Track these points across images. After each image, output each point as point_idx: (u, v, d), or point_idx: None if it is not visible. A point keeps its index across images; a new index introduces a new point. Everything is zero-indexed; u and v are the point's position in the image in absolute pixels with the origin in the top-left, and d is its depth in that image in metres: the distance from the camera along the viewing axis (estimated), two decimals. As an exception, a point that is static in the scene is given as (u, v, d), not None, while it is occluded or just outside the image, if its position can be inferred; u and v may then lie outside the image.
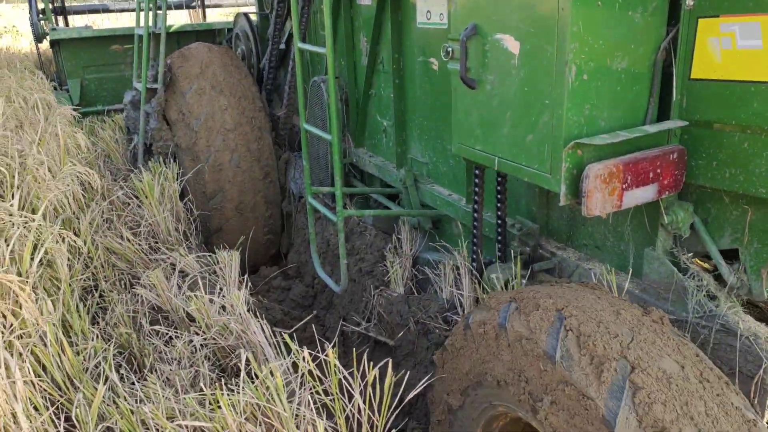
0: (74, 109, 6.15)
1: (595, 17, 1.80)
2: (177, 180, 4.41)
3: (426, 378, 2.29)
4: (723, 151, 1.83)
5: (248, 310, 2.97)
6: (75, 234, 3.37)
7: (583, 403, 1.61)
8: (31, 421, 1.99)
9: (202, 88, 4.81)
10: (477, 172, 2.63)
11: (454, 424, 2.30)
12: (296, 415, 2.19)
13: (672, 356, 1.63)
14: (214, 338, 2.75)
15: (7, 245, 2.65)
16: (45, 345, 2.33)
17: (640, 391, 1.53)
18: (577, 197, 1.83)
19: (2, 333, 2.17)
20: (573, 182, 1.84)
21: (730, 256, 1.99)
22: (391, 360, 3.32)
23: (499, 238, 2.71)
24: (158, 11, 5.05)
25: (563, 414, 1.68)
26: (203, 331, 2.79)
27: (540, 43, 1.89)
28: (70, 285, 2.90)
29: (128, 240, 3.58)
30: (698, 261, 2.42)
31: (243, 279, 3.45)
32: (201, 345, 2.73)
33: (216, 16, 11.28)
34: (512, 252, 2.72)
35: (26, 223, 2.92)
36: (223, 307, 2.93)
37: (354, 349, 3.60)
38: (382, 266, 3.83)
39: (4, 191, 3.52)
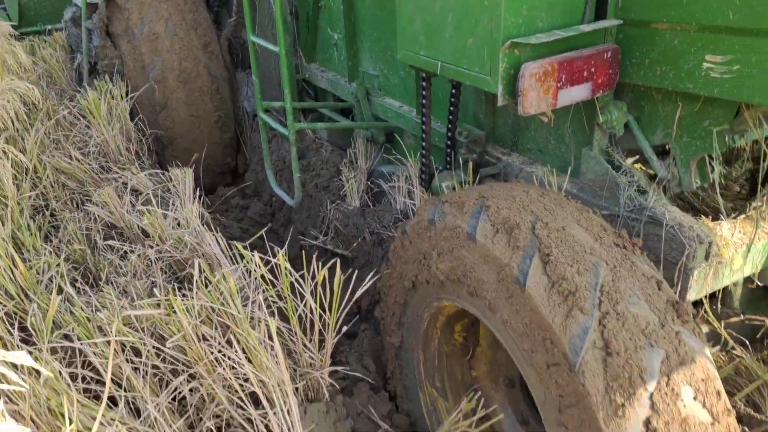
0: (14, 29, 5.86)
1: None
2: (126, 98, 4.30)
3: (372, 274, 2.38)
4: (655, 49, 1.88)
5: (203, 224, 3.00)
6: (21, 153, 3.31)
7: (502, 271, 1.71)
8: (-16, 328, 2.03)
9: (146, 3, 4.62)
10: (424, 80, 2.64)
11: (403, 320, 2.43)
12: (251, 317, 2.27)
13: (573, 218, 1.76)
14: (169, 251, 2.78)
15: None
16: (-5, 259, 2.34)
17: (543, 246, 1.64)
18: (513, 97, 1.88)
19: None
20: (510, 82, 1.88)
21: (662, 152, 2.09)
22: (347, 269, 3.43)
23: (448, 146, 2.76)
24: None
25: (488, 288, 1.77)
26: (158, 245, 2.82)
27: (477, -59, 1.88)
28: (18, 203, 2.88)
29: (77, 160, 3.52)
30: (640, 166, 2.52)
31: (198, 195, 3.46)
32: (156, 258, 2.76)
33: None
34: (459, 160, 2.78)
35: (-35, 139, 2.85)
36: (178, 222, 2.96)
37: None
38: (338, 181, 3.88)
39: (-59, 110, 3.41)
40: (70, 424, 1.65)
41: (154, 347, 2.13)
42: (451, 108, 2.64)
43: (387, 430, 2.47)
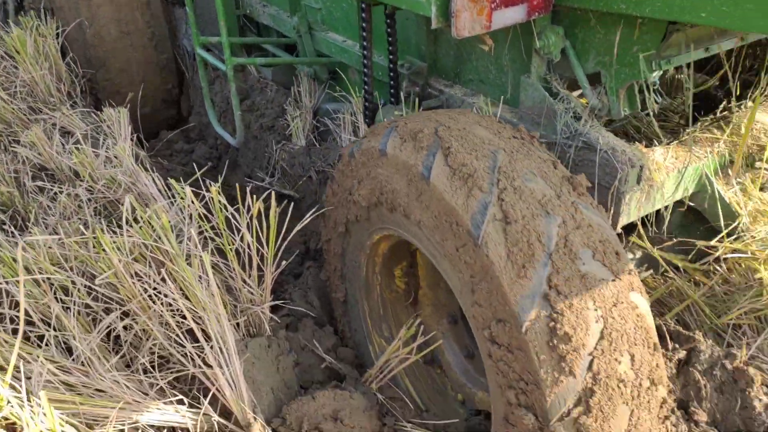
0: None
1: None
2: (54, 36, 4.06)
3: (314, 209, 2.34)
4: (590, -32, 1.84)
5: (139, 164, 2.89)
6: (-62, 92, 3.11)
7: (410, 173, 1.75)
8: None
9: (105, 23, 4.33)
10: (363, 9, 2.55)
11: (344, 272, 2.41)
12: (188, 255, 2.21)
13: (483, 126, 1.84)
14: (102, 191, 2.68)
15: None
16: None
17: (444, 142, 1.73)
18: (447, 19, 1.82)
19: None
20: (443, 3, 1.82)
21: (595, 81, 2.07)
22: (296, 213, 3.38)
23: (390, 80, 2.70)
24: None
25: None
26: (90, 185, 2.71)
27: None
28: (-63, 144, 2.72)
29: (2, 99, 3.33)
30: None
31: (134, 136, 3.32)
32: (88, 199, 2.66)
33: None
34: (402, 93, 2.72)
35: None
36: (111, 162, 2.84)
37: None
38: (283, 121, 3.78)
39: None
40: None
41: (84, 285, 2.06)
42: (389, 39, 2.57)
43: (331, 363, 2.48)
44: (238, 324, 2.18)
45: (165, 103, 4.90)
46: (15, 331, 2.04)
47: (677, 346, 2.01)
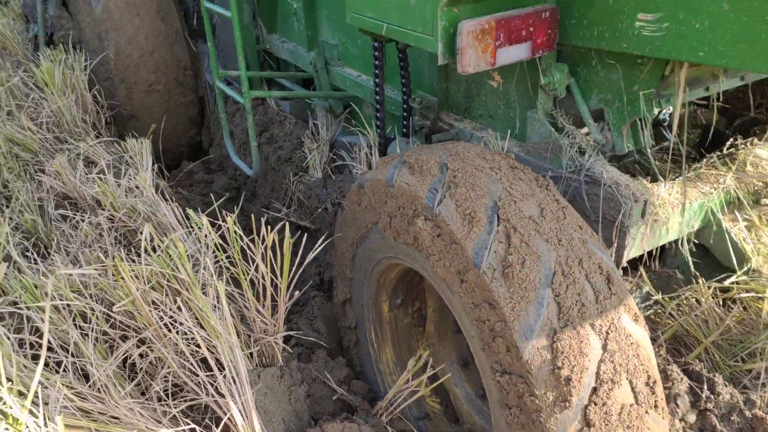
0: None
1: None
2: (81, 68, 4.22)
3: (324, 237, 2.39)
4: (592, 9, 1.90)
5: (159, 194, 2.98)
6: (-30, 124, 3.25)
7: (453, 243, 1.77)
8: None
9: None
10: (376, 46, 2.64)
11: (354, 281, 2.45)
12: (203, 284, 2.28)
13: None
14: (123, 220, 2.77)
15: None
16: (-62, 226, 2.31)
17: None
18: (453, 56, 1.89)
19: None
20: (449, 41, 1.89)
21: (600, 117, 2.12)
22: (311, 245, 3.44)
23: (403, 114, 2.78)
24: None
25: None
26: (110, 214, 2.80)
27: None
28: (-34, 173, 2.83)
29: (30, 130, 3.46)
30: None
31: (155, 167, 3.43)
32: (109, 227, 2.75)
33: None
34: (413, 127, 2.80)
35: None
36: (132, 192, 2.94)
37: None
38: (300, 153, 3.87)
39: None
40: (9, 383, 1.65)
41: (102, 312, 2.13)
42: (402, 74, 2.65)
43: (343, 395, 2.50)
44: (251, 354, 2.22)
45: (186, 134, 5.03)
46: (35, 357, 2.11)
47: (693, 387, 2.02)
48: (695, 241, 2.17)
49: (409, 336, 2.48)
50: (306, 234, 3.79)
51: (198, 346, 2.08)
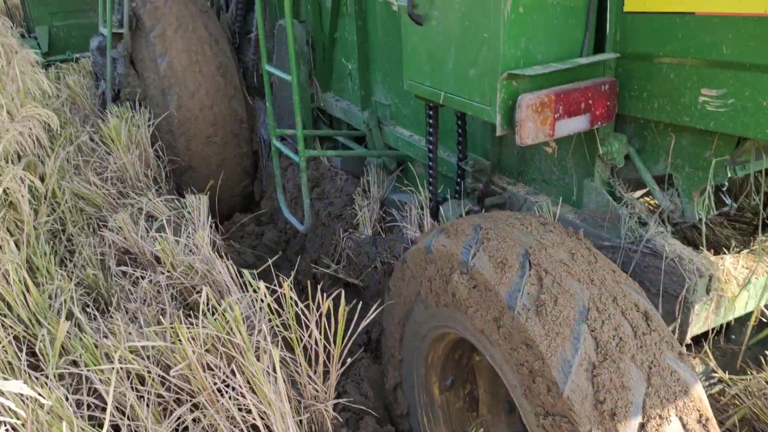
0: (43, 57, 6.07)
1: (530, -49, 1.83)
2: (146, 125, 4.41)
3: (375, 306, 2.39)
4: (653, 82, 1.89)
5: (215, 251, 3.04)
6: (41, 179, 3.40)
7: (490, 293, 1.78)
8: (-7, 353, 2.08)
9: (169, 32, 4.76)
10: (431, 110, 2.68)
11: (403, 363, 2.43)
12: (257, 347, 2.29)
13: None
14: (179, 278, 2.83)
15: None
16: (8, 283, 2.40)
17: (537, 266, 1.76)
18: (512, 127, 1.90)
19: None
20: (508, 113, 1.90)
21: (665, 183, 2.08)
22: (359, 301, 3.44)
23: (457, 175, 2.79)
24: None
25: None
26: (169, 272, 2.86)
27: (479, -24, 1.92)
28: (35, 228, 2.96)
29: (95, 185, 3.61)
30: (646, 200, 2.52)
31: (212, 223, 3.51)
32: (167, 285, 2.81)
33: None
34: (466, 189, 2.80)
35: (-16, 165, 2.95)
36: (190, 249, 3.01)
37: (322, 289, 3.71)
38: (351, 209, 3.91)
39: (-37, 134, 3.52)
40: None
41: (158, 375, 2.16)
42: (458, 138, 2.67)
43: (392, 465, 2.46)
44: (300, 421, 2.21)
45: (240, 184, 5.16)
46: (91, 417, 2.14)
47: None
48: (763, 319, 2.08)
49: (463, 421, 2.43)
50: (353, 290, 3.81)
51: (249, 411, 2.08)
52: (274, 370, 2.06)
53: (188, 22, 4.83)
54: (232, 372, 2.10)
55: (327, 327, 2.23)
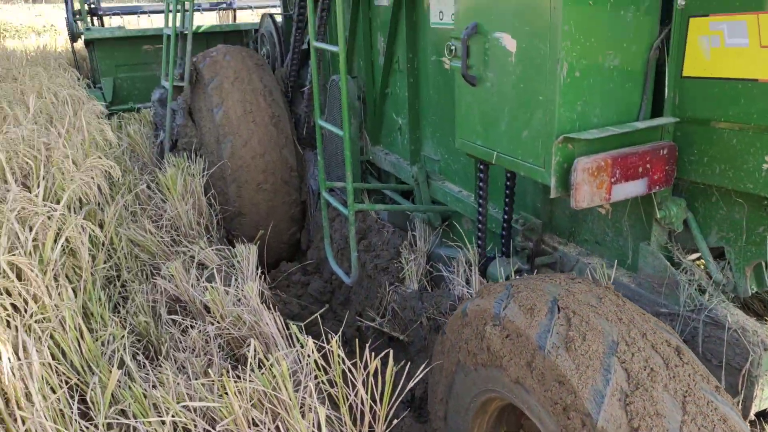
0: (106, 107, 6.38)
1: (586, 16, 1.85)
2: (201, 175, 4.55)
3: (424, 365, 2.35)
4: (714, 147, 1.85)
5: (262, 302, 3.07)
6: (99, 226, 3.52)
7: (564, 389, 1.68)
8: (45, 400, 2.12)
9: (226, 84, 4.96)
10: (481, 167, 2.68)
11: (449, 412, 2.37)
12: (302, 404, 2.28)
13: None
14: (228, 328, 2.85)
15: (31, 232, 2.79)
16: (64, 330, 2.47)
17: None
18: (567, 190, 1.88)
19: (21, 317, 2.31)
20: (563, 175, 1.89)
21: (719, 253, 2.02)
22: (403, 356, 3.39)
23: (504, 233, 2.76)
24: (186, 12, 5.22)
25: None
26: (218, 322, 2.90)
27: (534, 41, 1.94)
28: (92, 274, 3.04)
29: (150, 232, 3.72)
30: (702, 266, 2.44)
31: (260, 273, 3.56)
32: (215, 335, 2.84)
33: (246, 17, 11.48)
34: (515, 247, 2.77)
35: (49, 212, 3.06)
36: (238, 299, 3.04)
37: (367, 344, 3.69)
38: (397, 263, 3.90)
39: (30, 182, 3.69)
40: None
41: (204, 430, 2.16)
42: (507, 196, 2.66)
43: None
44: (343, 481, 2.17)
45: (288, 231, 5.23)
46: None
47: None
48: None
49: None
50: (398, 345, 3.76)
51: (293, 469, 2.05)
52: (320, 429, 2.04)
53: (244, 75, 5.03)
54: (277, 429, 2.09)
55: (374, 385, 2.20)
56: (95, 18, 8.81)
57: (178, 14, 5.23)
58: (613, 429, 1.54)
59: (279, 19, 5.95)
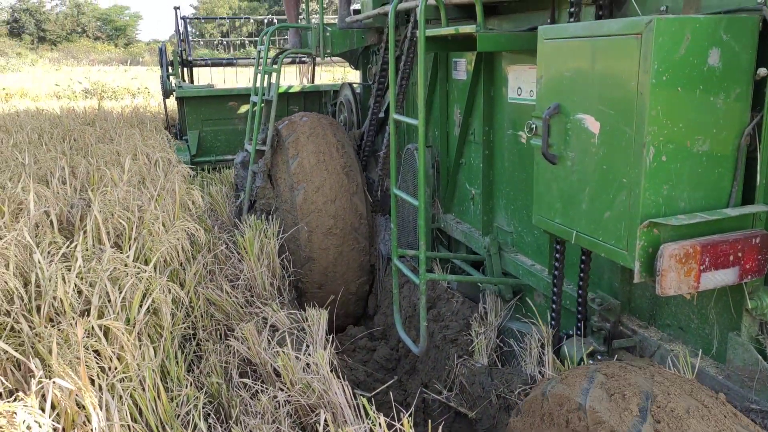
0: (191, 158, 6.84)
1: (674, 102, 1.83)
2: (276, 237, 4.68)
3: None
4: (810, 237, 1.77)
5: (331, 370, 3.07)
6: (180, 285, 3.66)
7: None
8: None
9: (302, 138, 5.19)
10: (558, 245, 2.65)
11: None
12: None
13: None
14: (297, 396, 2.87)
15: (120, 293, 2.94)
16: (143, 389, 2.54)
17: None
18: (652, 275, 1.83)
19: (107, 376, 2.40)
20: (648, 260, 1.84)
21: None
22: None
23: (579, 312, 2.69)
24: (272, 81, 5.52)
25: None
26: (287, 388, 2.91)
27: (619, 124, 1.94)
28: (171, 333, 3.14)
29: (227, 292, 3.82)
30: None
31: (329, 338, 3.58)
32: (284, 401, 2.85)
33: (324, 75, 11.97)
34: (592, 327, 2.68)
35: (138, 273, 3.22)
36: (308, 365, 3.06)
37: (430, 418, 3.60)
38: (466, 335, 3.84)
39: (123, 242, 3.90)
40: None
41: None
42: (581, 274, 2.61)
43: None
44: None
45: (356, 301, 5.27)
46: None
47: None
48: None
49: None
50: (465, 422, 3.66)
51: None
52: None
53: (319, 131, 5.29)
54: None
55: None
56: (186, 69, 9.47)
57: (265, 82, 5.53)
58: None
59: (357, 88, 6.18)
